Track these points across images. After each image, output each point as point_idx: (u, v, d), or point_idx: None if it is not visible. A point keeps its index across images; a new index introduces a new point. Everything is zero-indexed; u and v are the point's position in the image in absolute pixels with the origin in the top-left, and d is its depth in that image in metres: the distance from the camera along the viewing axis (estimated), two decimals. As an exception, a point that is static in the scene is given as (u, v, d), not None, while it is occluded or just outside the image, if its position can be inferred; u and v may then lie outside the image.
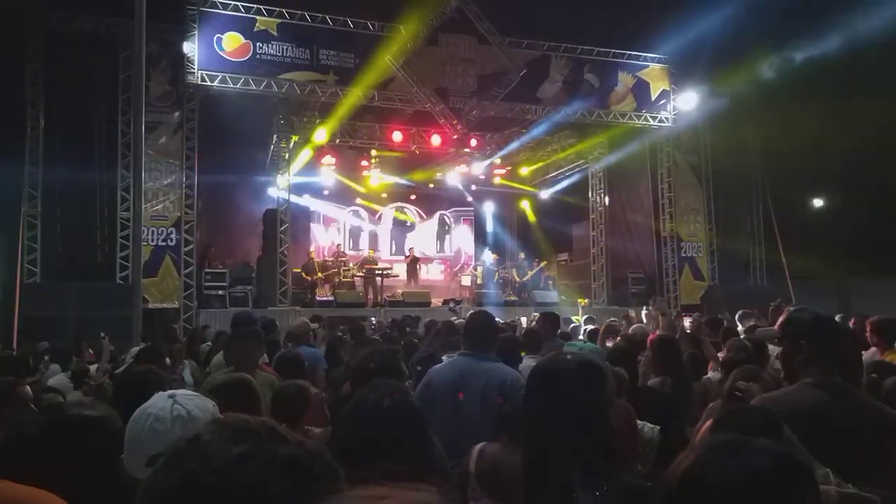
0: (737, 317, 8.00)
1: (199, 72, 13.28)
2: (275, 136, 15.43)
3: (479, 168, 18.61)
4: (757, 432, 1.75)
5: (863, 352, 4.66)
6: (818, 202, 18.93)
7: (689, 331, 6.13)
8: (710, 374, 5.16)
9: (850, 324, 5.95)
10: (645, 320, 9.63)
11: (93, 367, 6.18)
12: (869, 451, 2.18)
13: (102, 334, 6.62)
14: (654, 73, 16.84)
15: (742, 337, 5.68)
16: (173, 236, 13.87)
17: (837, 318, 2.58)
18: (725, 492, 0.96)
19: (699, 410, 3.99)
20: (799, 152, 15.96)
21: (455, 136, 15.61)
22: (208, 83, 13.36)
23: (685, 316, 9.79)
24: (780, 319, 2.65)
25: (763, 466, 0.97)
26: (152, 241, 13.63)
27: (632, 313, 11.55)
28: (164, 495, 0.77)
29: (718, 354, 5.35)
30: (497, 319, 4.16)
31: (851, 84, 14.43)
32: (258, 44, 13.71)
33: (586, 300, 17.25)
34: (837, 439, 2.11)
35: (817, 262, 16.77)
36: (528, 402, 1.92)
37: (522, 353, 4.97)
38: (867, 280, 16.64)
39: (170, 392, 1.63)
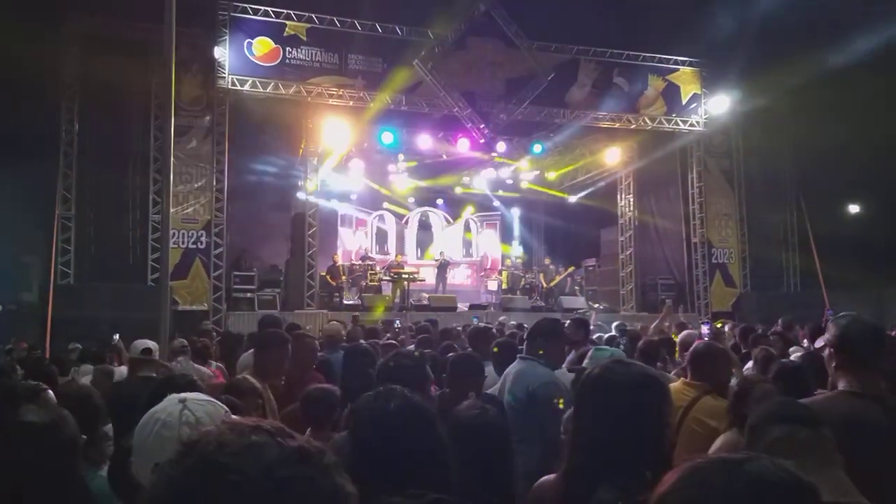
0: (780, 322, 7.84)
1: (230, 76, 13.44)
2: (304, 140, 15.54)
3: (506, 172, 18.55)
4: (804, 424, 1.75)
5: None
6: (854, 208, 18.49)
7: (706, 338, 5.99)
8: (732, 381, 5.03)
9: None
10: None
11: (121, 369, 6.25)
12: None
13: (116, 336, 6.67)
14: (685, 76, 16.61)
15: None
16: (203, 239, 14.04)
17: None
18: None
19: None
20: (834, 157, 15.63)
21: (482, 141, 15.56)
22: (238, 87, 13.52)
23: (703, 323, 9.62)
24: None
25: (766, 486, 0.86)
26: (183, 243, 13.81)
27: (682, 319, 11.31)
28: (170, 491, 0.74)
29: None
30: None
31: (889, 88, 14.07)
32: (288, 48, 13.84)
33: (596, 306, 17.11)
34: (872, 449, 2.02)
35: (852, 269, 16.37)
36: (579, 410, 1.82)
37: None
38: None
39: (181, 396, 1.58)
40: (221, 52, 13.43)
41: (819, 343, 5.18)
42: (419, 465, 1.59)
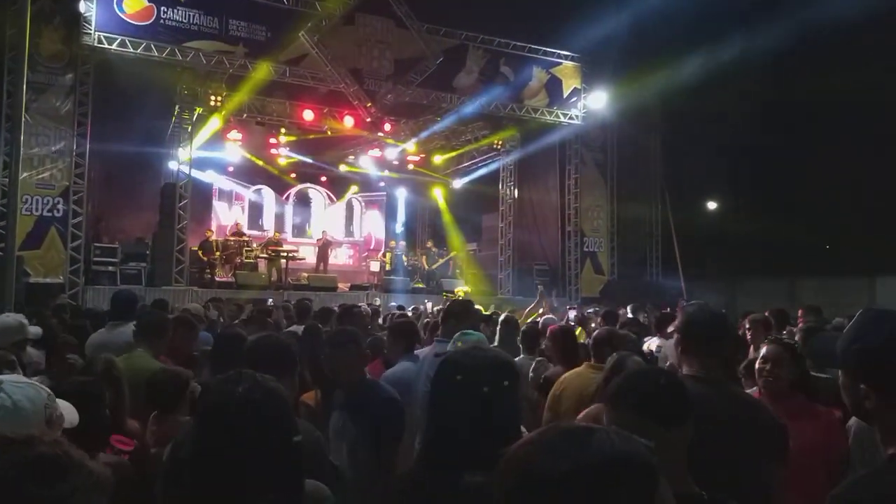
0: (629, 308, 8.30)
1: (96, 33, 12.46)
2: (177, 107, 14.68)
3: (392, 153, 18.45)
4: (662, 395, 1.73)
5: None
6: (712, 205, 20.00)
7: (572, 322, 6.28)
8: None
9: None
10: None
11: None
12: (740, 444, 2.24)
13: None
14: (567, 70, 17.19)
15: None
16: (60, 207, 12.97)
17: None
18: (554, 483, 0.87)
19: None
20: (696, 156, 16.82)
21: (368, 119, 15.38)
22: (105, 46, 12.56)
23: (570, 308, 10.07)
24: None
25: (598, 459, 0.88)
26: (36, 210, 12.71)
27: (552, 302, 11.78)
28: None
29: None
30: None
31: (751, 89, 15.25)
32: (162, 8, 12.99)
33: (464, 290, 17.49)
34: (710, 431, 2.14)
35: (709, 261, 17.72)
36: (437, 397, 1.81)
37: None
38: (752, 280, 17.77)
39: None
40: (87, 7, 12.40)
41: (670, 329, 5.57)
42: (264, 454, 1.52)
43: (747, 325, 5.81)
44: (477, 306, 10.84)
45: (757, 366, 3.11)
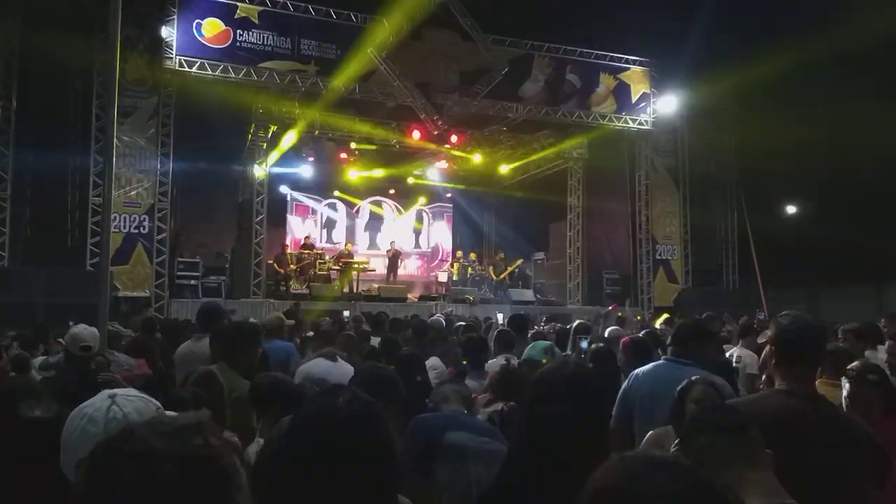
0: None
1: (178, 57, 13.07)
2: (253, 125, 15.22)
3: (459, 164, 18.55)
4: (725, 432, 1.74)
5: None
6: (791, 209, 19.20)
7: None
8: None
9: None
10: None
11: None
12: (832, 463, 2.16)
13: (71, 322, 6.42)
14: (635, 75, 16.92)
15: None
16: (146, 224, 13.65)
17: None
18: None
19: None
20: (774, 159, 16.20)
21: (436, 132, 15.53)
22: (186, 69, 13.15)
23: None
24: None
25: (684, 488, 0.89)
26: (124, 228, 13.41)
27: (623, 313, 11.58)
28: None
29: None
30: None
31: (829, 93, 14.62)
32: (238, 31, 13.53)
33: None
34: (801, 448, 2.08)
35: (788, 268, 17.00)
36: (527, 413, 1.82)
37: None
38: (836, 287, 16.95)
39: (111, 391, 1.53)
40: (169, 32, 13.03)
41: (761, 339, 5.39)
42: (358, 466, 1.56)
43: (840, 335, 5.55)
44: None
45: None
